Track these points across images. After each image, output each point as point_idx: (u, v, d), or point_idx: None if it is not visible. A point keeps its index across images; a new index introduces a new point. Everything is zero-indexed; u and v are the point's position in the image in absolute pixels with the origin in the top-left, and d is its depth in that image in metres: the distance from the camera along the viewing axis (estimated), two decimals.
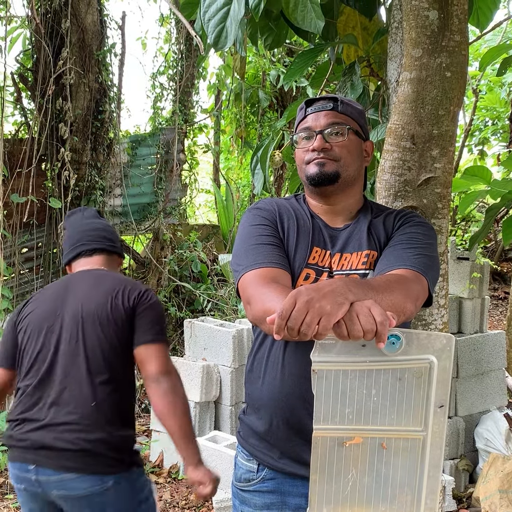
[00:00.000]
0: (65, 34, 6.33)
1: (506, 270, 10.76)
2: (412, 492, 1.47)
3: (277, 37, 2.67)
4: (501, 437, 4.16)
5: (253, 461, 1.87)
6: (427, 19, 2.08)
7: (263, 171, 2.72)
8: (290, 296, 1.31)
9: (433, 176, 2.11)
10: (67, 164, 6.34)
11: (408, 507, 1.48)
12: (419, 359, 1.37)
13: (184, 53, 7.93)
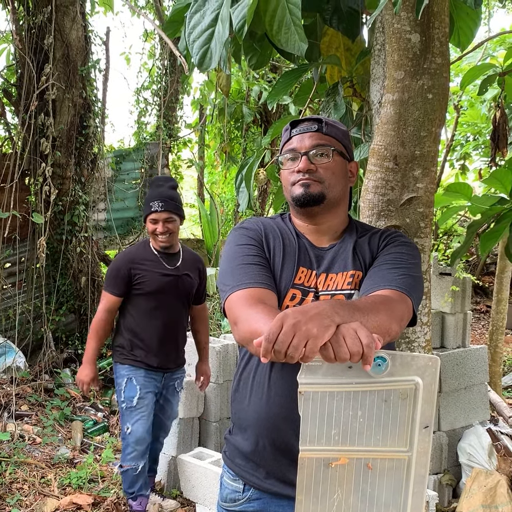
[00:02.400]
0: (49, 50, 6.33)
1: (487, 284, 10.84)
2: (397, 510, 1.47)
3: (261, 57, 2.70)
4: (484, 452, 4.18)
5: (239, 481, 1.87)
6: (409, 42, 2.12)
7: (248, 189, 2.74)
8: (277, 319, 1.32)
9: (415, 196, 2.14)
10: (48, 179, 6.33)
11: None
12: (404, 380, 1.38)
13: (168, 68, 7.97)
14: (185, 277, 3.77)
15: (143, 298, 3.70)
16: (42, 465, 4.79)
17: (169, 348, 3.81)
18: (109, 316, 3.79)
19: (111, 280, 3.70)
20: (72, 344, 7.15)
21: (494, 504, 3.74)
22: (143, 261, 3.67)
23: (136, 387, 3.72)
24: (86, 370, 3.79)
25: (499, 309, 6.51)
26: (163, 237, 3.61)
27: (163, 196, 3.58)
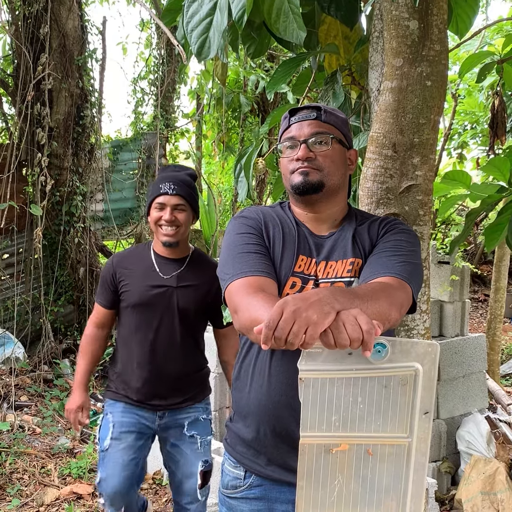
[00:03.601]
0: (44, 39, 6.30)
1: (485, 273, 10.86)
2: (397, 496, 1.48)
3: (260, 46, 2.68)
4: (482, 439, 4.20)
5: (240, 468, 1.88)
6: (407, 29, 2.11)
7: (247, 179, 2.74)
8: (277, 306, 1.32)
9: (414, 184, 2.14)
10: (44, 170, 6.32)
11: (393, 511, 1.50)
12: (404, 366, 1.39)
13: (165, 58, 7.94)
14: (183, 290, 2.88)
15: (126, 313, 2.94)
16: (42, 455, 4.80)
17: (159, 379, 2.90)
18: (99, 332, 3.05)
19: (99, 288, 3.03)
20: (71, 335, 7.16)
21: (493, 491, 3.76)
22: (132, 265, 2.93)
23: (109, 425, 2.91)
24: (74, 397, 3.03)
25: (497, 297, 6.53)
26: (168, 228, 2.80)
27: (177, 178, 2.84)
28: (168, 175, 2.84)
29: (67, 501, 4.19)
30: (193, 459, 2.91)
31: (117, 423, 2.88)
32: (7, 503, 4.12)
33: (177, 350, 2.89)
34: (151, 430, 2.95)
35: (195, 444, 2.93)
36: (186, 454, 2.92)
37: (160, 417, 2.93)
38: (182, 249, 2.94)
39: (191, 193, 2.86)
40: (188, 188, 2.85)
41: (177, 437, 2.94)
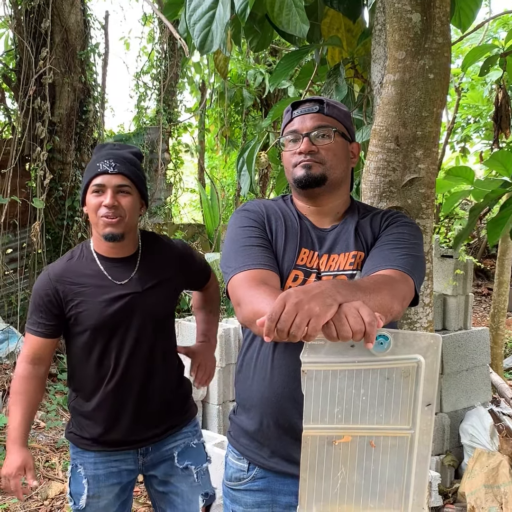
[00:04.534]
0: (45, 34, 6.30)
1: (489, 267, 10.85)
2: (400, 488, 1.49)
3: (262, 39, 2.68)
4: (486, 432, 4.21)
5: (243, 460, 1.89)
6: (410, 21, 2.10)
7: (249, 172, 2.74)
8: (280, 299, 1.32)
9: (417, 177, 2.14)
10: (43, 164, 6.32)
11: (396, 504, 1.50)
12: (406, 358, 1.39)
13: (167, 52, 7.94)
14: (150, 293, 2.28)
15: (83, 339, 2.26)
16: (46, 449, 4.82)
17: (135, 412, 2.30)
18: (35, 370, 2.30)
19: (31, 313, 2.28)
20: None
21: (496, 484, 3.77)
22: (77, 278, 2.24)
23: (82, 481, 2.30)
24: (11, 456, 2.26)
25: (501, 291, 6.52)
26: (109, 215, 2.16)
27: (119, 155, 2.23)
28: (108, 152, 2.24)
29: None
30: (190, 495, 2.38)
31: (91, 479, 2.30)
32: (11, 496, 4.14)
33: (157, 368, 2.33)
34: (134, 474, 2.40)
35: (190, 477, 2.38)
36: (182, 492, 2.38)
37: (143, 454, 2.37)
38: (130, 244, 2.31)
39: (137, 172, 2.26)
40: (133, 167, 2.25)
41: (168, 472, 2.39)
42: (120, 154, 2.24)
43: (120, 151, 2.27)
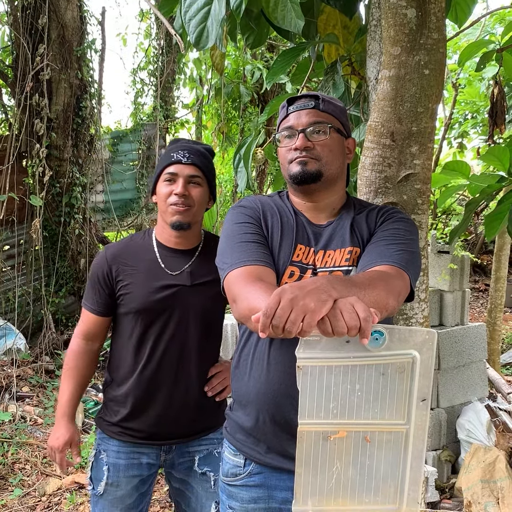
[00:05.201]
0: (42, 30, 6.29)
1: (486, 263, 10.87)
2: (395, 483, 1.50)
3: (259, 36, 2.68)
4: (482, 428, 4.22)
5: (240, 456, 1.90)
6: (405, 17, 2.10)
7: (246, 169, 2.73)
8: (275, 295, 1.33)
9: (412, 173, 2.14)
10: (42, 161, 6.31)
11: (391, 499, 1.51)
12: (401, 354, 1.40)
13: (164, 48, 7.92)
14: (198, 289, 2.26)
15: (126, 321, 2.30)
16: (44, 446, 4.82)
17: (169, 408, 2.30)
18: (88, 346, 2.38)
19: (88, 289, 2.36)
20: (72, 326, 7.19)
21: (492, 479, 3.78)
22: (131, 260, 2.30)
23: (103, 468, 2.34)
24: (58, 430, 2.35)
25: (498, 287, 6.54)
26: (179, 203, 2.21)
27: (193, 148, 2.28)
28: (182, 145, 2.30)
29: (69, 491, 4.21)
30: (204, 500, 2.37)
31: (112, 467, 2.33)
32: (9, 492, 4.15)
33: (195, 367, 2.31)
34: (155, 468, 2.41)
35: (207, 483, 2.37)
36: (197, 493, 2.39)
37: (165, 451, 2.37)
38: (193, 237, 2.34)
39: (209, 166, 2.31)
40: (206, 160, 2.31)
41: (186, 473, 2.39)
42: (194, 147, 2.30)
43: (194, 145, 2.32)
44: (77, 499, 4.08)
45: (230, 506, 1.92)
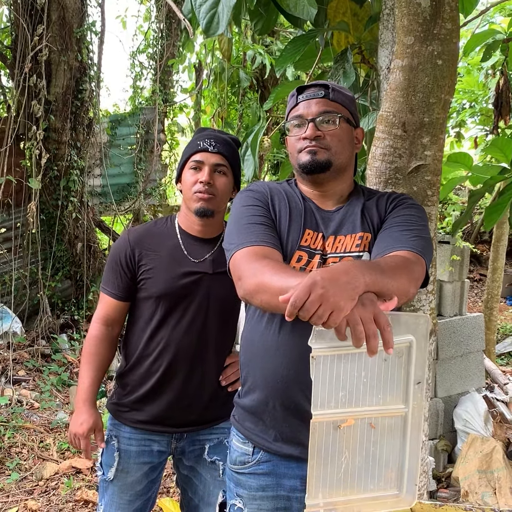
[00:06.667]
0: (42, 11, 6.23)
1: (481, 252, 10.90)
2: (396, 467, 1.54)
3: (267, 22, 2.65)
4: (479, 418, 4.24)
5: (248, 444, 1.90)
6: (419, 6, 2.08)
7: (254, 157, 2.72)
8: (305, 286, 1.33)
9: (423, 164, 2.13)
10: (39, 143, 6.27)
11: (393, 483, 1.55)
12: (400, 339, 1.44)
13: (164, 31, 7.86)
14: (220, 277, 2.23)
15: (146, 306, 2.31)
16: (41, 430, 4.83)
17: (185, 397, 2.31)
18: (108, 331, 2.37)
19: (108, 273, 2.35)
20: (68, 310, 7.17)
21: (490, 470, 3.81)
22: (154, 245, 2.30)
23: (114, 454, 2.34)
24: (81, 416, 2.31)
25: (495, 277, 6.57)
26: (203, 191, 2.22)
27: (219, 137, 2.29)
28: (209, 134, 2.30)
29: (66, 476, 4.22)
30: (212, 487, 2.39)
31: (123, 453, 2.34)
32: (6, 476, 4.16)
33: (211, 355, 2.33)
34: (166, 455, 2.42)
35: (216, 471, 2.38)
36: (205, 480, 2.40)
37: (177, 439, 2.38)
38: (216, 226, 2.34)
39: (235, 156, 2.32)
40: (232, 150, 2.31)
41: (195, 461, 2.40)
42: (221, 136, 2.30)
43: (220, 134, 2.32)
44: (74, 484, 4.09)
45: (238, 494, 1.93)
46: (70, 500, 3.94)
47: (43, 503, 3.90)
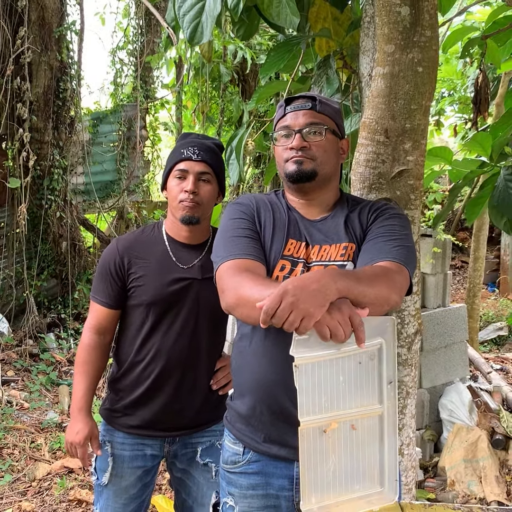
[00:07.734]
0: (23, 12, 6.20)
1: (462, 239, 11.00)
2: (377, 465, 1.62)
3: (249, 28, 2.68)
4: (464, 408, 4.32)
5: (239, 444, 1.97)
6: (399, 15, 2.13)
7: (238, 161, 2.75)
8: (277, 295, 1.43)
9: (406, 169, 2.18)
10: (26, 145, 6.26)
11: (376, 481, 1.63)
12: (372, 342, 1.53)
13: (143, 28, 7.84)
14: (208, 283, 2.09)
15: (136, 314, 2.34)
16: (32, 430, 4.86)
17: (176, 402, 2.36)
18: (100, 339, 2.40)
19: (97, 281, 2.39)
20: (55, 309, 7.17)
21: (475, 459, 3.89)
22: (143, 253, 2.34)
23: (107, 459, 2.38)
24: (77, 425, 2.34)
25: (476, 266, 6.65)
26: (189, 200, 2.25)
27: (203, 144, 2.31)
28: (192, 141, 2.33)
29: (58, 475, 4.25)
30: (205, 489, 2.45)
31: (117, 458, 2.38)
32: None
33: (202, 359, 2.37)
34: (159, 459, 2.46)
35: (208, 473, 2.44)
36: (198, 482, 2.46)
37: (169, 443, 2.43)
38: (202, 232, 2.39)
39: (218, 162, 2.35)
40: (216, 156, 2.34)
41: (188, 464, 2.45)
42: (204, 143, 2.33)
43: (203, 140, 2.35)
44: (67, 484, 4.13)
45: (229, 492, 1.99)
46: (64, 500, 3.98)
47: (37, 504, 3.93)
